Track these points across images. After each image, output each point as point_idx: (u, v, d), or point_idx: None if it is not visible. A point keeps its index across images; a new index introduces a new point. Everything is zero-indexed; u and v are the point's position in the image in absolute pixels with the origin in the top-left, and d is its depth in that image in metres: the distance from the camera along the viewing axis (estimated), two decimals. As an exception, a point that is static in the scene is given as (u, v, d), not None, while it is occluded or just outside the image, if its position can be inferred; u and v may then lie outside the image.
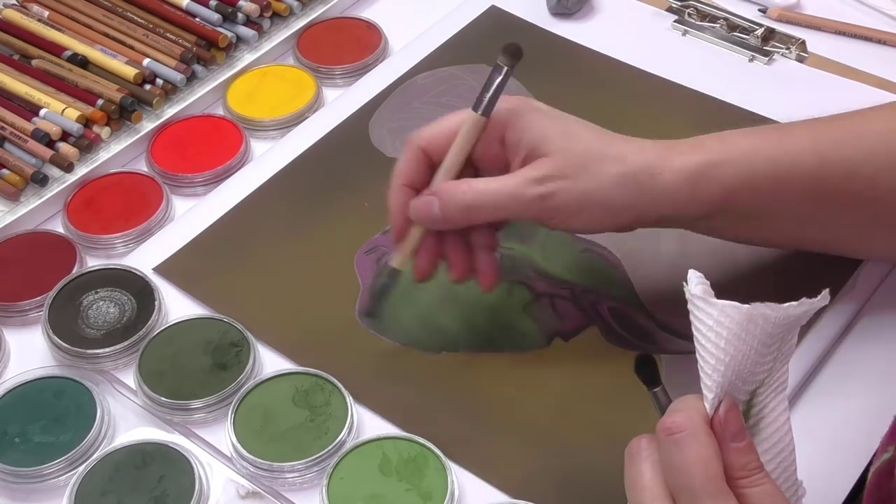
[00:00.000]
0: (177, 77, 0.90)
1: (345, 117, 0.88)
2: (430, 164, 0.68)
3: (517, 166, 0.66)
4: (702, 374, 0.52)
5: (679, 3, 0.97)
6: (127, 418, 0.69)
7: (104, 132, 0.86)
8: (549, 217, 0.66)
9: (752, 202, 0.67)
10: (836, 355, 0.72)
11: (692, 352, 0.71)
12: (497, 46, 0.95)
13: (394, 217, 0.69)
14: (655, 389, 0.55)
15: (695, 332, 0.52)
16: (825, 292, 0.53)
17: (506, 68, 0.67)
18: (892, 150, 0.67)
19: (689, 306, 0.52)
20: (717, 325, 0.51)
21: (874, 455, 0.63)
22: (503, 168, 0.67)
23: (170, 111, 0.89)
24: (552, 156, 0.65)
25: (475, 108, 0.66)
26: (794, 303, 0.51)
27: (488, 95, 0.66)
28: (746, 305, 0.51)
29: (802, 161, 0.66)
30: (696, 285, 0.52)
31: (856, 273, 0.75)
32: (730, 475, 0.51)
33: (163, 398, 0.69)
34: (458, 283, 0.70)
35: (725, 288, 0.76)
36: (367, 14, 0.99)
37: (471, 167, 0.68)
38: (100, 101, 0.87)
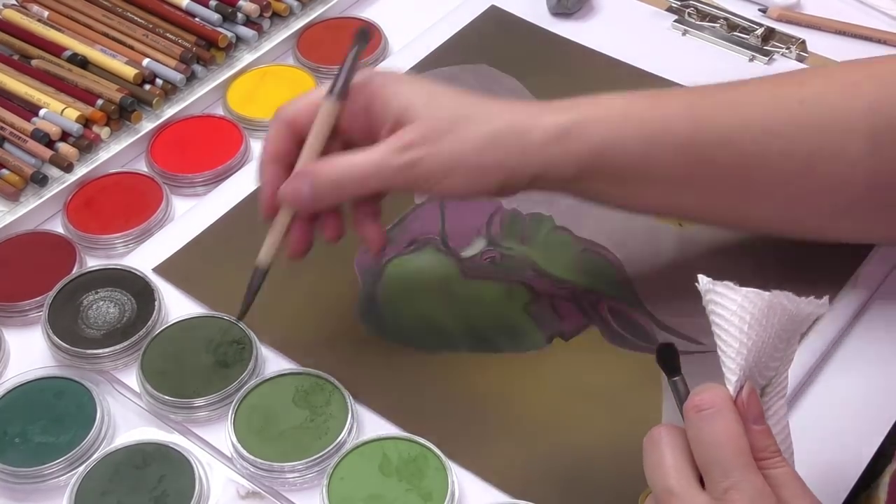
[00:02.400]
0: (177, 77, 0.89)
1: (345, 117, 0.88)
2: (297, 139, 0.67)
3: (384, 136, 0.65)
4: (725, 360, 0.53)
5: (679, 3, 0.97)
6: (127, 418, 0.70)
7: (104, 132, 0.86)
8: (418, 184, 0.65)
9: (622, 163, 0.65)
10: (838, 354, 0.72)
11: (692, 352, 0.71)
12: (497, 46, 0.95)
13: (263, 193, 0.67)
14: (675, 378, 0.55)
15: (717, 321, 0.53)
16: (825, 300, 0.54)
17: (355, 48, 0.66)
18: (768, 121, 0.66)
19: (710, 296, 0.54)
20: (740, 309, 0.53)
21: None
22: (373, 139, 0.65)
23: (170, 111, 0.89)
24: (416, 122, 0.64)
25: (330, 92, 0.66)
26: (805, 298, 0.53)
27: (341, 80, 0.66)
28: (767, 293, 0.53)
29: (675, 124, 0.65)
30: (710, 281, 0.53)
31: (857, 272, 0.75)
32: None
33: (166, 396, 0.69)
34: (333, 242, 0.69)
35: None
36: (367, 14, 0.99)
37: (339, 140, 0.67)
38: (99, 101, 0.87)
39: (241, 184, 0.84)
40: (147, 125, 0.88)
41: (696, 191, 0.67)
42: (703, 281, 0.54)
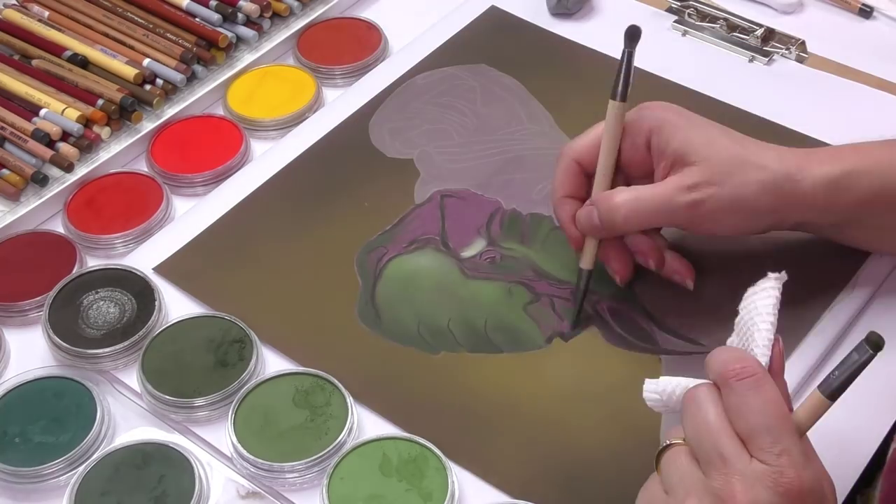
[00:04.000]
0: (177, 77, 0.90)
1: (345, 117, 0.88)
2: (583, 174, 0.72)
3: (662, 172, 0.70)
4: (756, 336, 0.57)
5: (679, 3, 0.97)
6: (127, 418, 0.70)
7: (104, 132, 0.86)
8: (697, 223, 0.69)
9: (885, 213, 0.69)
10: (838, 354, 0.72)
11: (692, 352, 0.72)
12: (497, 46, 0.95)
13: (566, 230, 0.73)
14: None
15: (772, 311, 0.57)
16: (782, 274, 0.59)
17: (629, 51, 0.70)
18: None
19: (773, 291, 0.58)
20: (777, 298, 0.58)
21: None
22: (648, 173, 0.71)
23: (170, 111, 0.89)
24: (699, 164, 0.68)
25: (612, 97, 0.70)
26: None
27: (621, 81, 0.70)
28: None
29: None
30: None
31: (858, 272, 0.75)
32: None
33: (166, 396, 0.69)
34: (623, 283, 0.74)
35: (727, 288, 0.76)
36: (367, 14, 0.99)
37: (621, 174, 0.72)
38: (100, 101, 0.87)
39: (241, 184, 0.84)
40: (147, 125, 0.88)
41: None
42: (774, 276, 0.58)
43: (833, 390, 0.53)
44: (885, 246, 0.74)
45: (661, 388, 0.59)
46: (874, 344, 0.51)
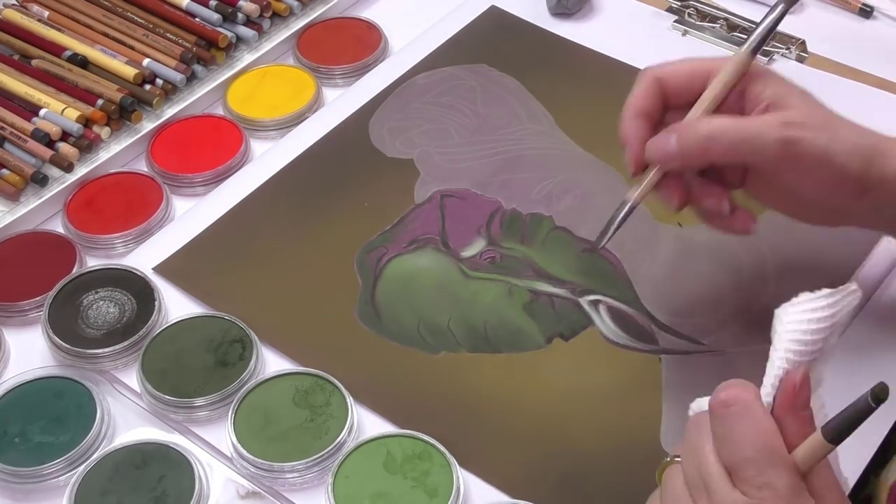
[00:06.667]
0: (177, 77, 0.89)
1: (345, 117, 0.88)
2: (662, 97, 0.67)
3: (760, 113, 0.65)
4: (770, 375, 0.53)
5: (679, 3, 0.97)
6: (127, 418, 0.70)
7: (104, 132, 0.86)
8: (788, 163, 0.64)
9: None
10: (838, 354, 0.71)
11: (692, 351, 0.71)
12: (497, 46, 0.95)
13: (630, 150, 0.67)
14: None
15: (796, 338, 0.54)
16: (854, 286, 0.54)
17: (782, 5, 0.67)
18: None
19: (803, 314, 0.53)
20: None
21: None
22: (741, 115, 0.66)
23: (170, 111, 0.89)
24: (797, 108, 0.64)
25: (745, 47, 0.66)
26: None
27: (758, 33, 0.66)
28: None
29: None
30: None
31: (857, 273, 0.75)
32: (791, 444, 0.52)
33: (166, 396, 0.69)
34: (679, 209, 0.68)
35: (727, 287, 0.76)
36: (367, 14, 0.99)
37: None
38: (100, 101, 0.87)
39: (241, 184, 0.84)
40: (147, 125, 0.88)
41: None
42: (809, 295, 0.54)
43: (833, 436, 0.51)
44: None
45: (700, 406, 0.57)
46: (876, 397, 0.50)
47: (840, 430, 0.50)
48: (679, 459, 0.54)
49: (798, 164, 0.64)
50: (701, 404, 0.55)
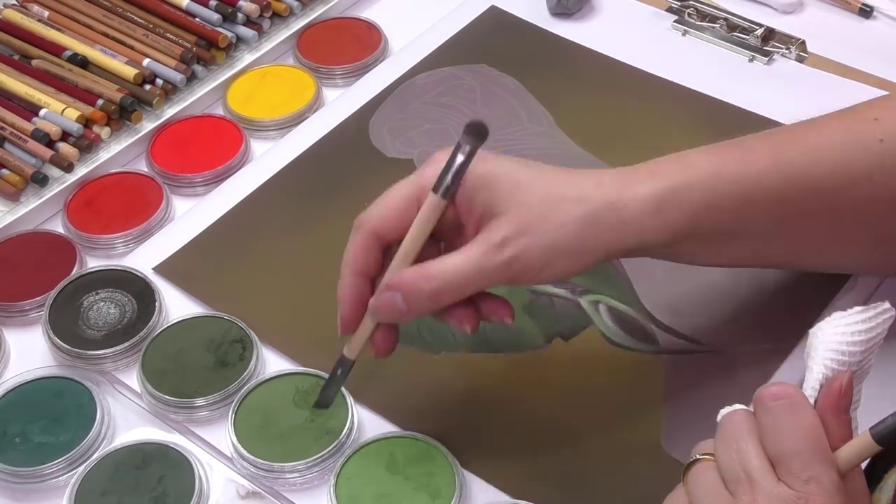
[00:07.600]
0: (177, 77, 0.90)
1: (345, 117, 0.88)
2: (381, 247, 0.64)
3: (472, 227, 0.62)
4: (810, 381, 0.53)
5: (679, 3, 0.97)
6: (127, 418, 0.70)
7: (104, 132, 0.86)
8: (519, 279, 0.62)
9: (716, 224, 0.64)
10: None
11: (692, 352, 0.71)
12: (497, 46, 0.95)
13: (345, 310, 0.64)
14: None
15: (836, 349, 0.53)
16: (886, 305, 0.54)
17: (468, 147, 0.61)
18: (853, 166, 0.65)
19: (838, 328, 0.53)
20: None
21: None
22: (458, 228, 0.63)
23: (170, 111, 0.89)
24: (507, 214, 0.61)
25: (435, 190, 0.61)
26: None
27: (450, 177, 0.61)
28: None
29: (766, 180, 0.64)
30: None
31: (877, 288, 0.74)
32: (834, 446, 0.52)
33: (166, 396, 0.69)
34: (473, 333, 0.65)
35: (727, 287, 0.76)
36: (367, 14, 0.99)
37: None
38: (100, 101, 0.87)
39: (241, 184, 0.84)
40: (147, 125, 0.88)
41: (785, 242, 0.67)
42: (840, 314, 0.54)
43: (882, 437, 0.51)
44: (716, 258, 0.68)
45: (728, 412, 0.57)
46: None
47: (888, 432, 0.50)
48: (706, 457, 0.54)
49: (533, 270, 0.61)
50: (729, 411, 0.55)
